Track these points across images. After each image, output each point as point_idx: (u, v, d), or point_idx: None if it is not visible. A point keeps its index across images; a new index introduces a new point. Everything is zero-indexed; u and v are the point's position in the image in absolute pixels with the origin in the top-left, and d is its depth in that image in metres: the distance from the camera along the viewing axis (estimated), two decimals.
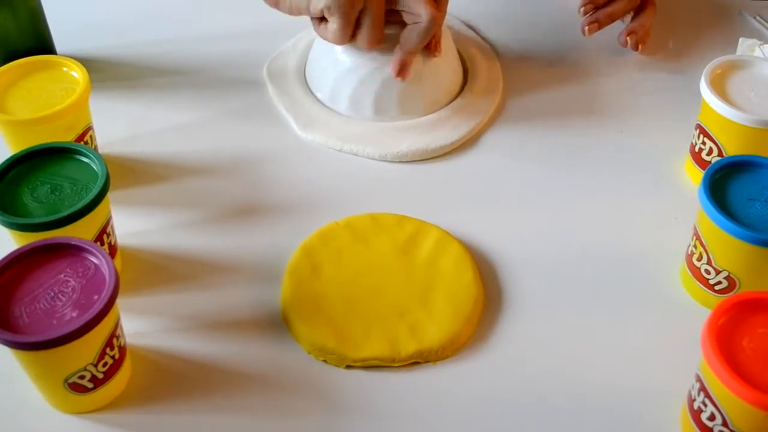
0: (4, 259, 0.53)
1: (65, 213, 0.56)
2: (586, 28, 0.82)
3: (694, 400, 0.52)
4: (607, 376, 0.58)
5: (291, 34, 0.87)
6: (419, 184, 0.72)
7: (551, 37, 0.88)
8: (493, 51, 0.85)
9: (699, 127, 0.69)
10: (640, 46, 0.83)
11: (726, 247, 0.58)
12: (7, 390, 0.56)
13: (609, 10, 0.82)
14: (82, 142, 0.67)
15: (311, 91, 0.80)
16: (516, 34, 0.88)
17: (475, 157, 0.74)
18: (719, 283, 0.60)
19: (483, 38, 0.87)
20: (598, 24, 0.82)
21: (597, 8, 0.82)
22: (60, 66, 0.68)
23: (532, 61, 0.85)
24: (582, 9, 0.82)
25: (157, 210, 0.69)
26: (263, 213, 0.69)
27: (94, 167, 0.60)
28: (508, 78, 0.82)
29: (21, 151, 0.60)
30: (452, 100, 0.79)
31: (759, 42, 0.79)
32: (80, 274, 0.52)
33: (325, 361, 0.58)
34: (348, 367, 0.58)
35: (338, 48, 0.75)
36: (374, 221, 0.66)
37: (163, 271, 0.64)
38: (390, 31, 0.73)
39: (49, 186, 0.59)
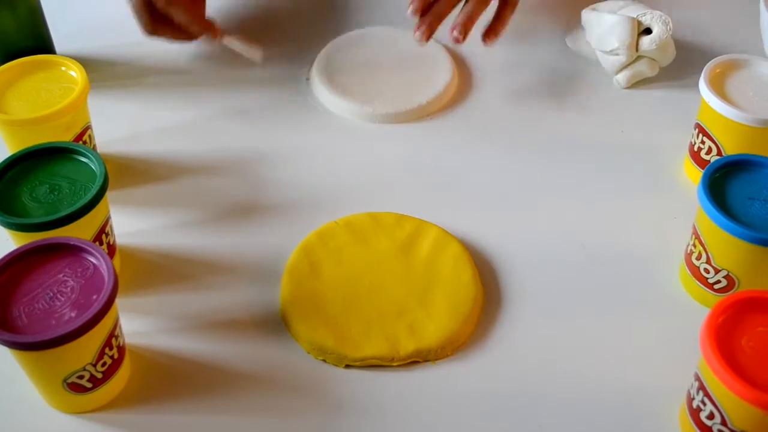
0: (2, 259, 0.53)
1: (64, 213, 0.56)
2: (417, 36, 0.73)
3: (693, 398, 0.52)
4: (606, 375, 0.58)
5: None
6: (418, 183, 0.72)
7: (551, 37, 0.88)
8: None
9: (698, 126, 0.69)
10: (486, 40, 0.76)
11: (725, 246, 0.58)
12: (6, 390, 0.56)
13: (436, 9, 0.73)
14: (80, 142, 0.67)
15: None
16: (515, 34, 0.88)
17: (474, 158, 0.74)
18: (718, 282, 0.60)
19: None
20: (429, 28, 0.73)
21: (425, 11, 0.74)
22: (59, 65, 0.68)
23: (533, 63, 0.85)
24: (412, 13, 0.73)
25: (155, 210, 0.69)
26: (262, 212, 0.69)
27: (93, 167, 0.60)
28: (508, 79, 0.82)
29: (20, 151, 0.60)
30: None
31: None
32: (79, 274, 0.52)
33: (324, 360, 0.58)
34: (347, 366, 0.58)
35: None
36: (373, 220, 0.66)
37: (162, 270, 0.64)
38: None
39: (47, 186, 0.59)
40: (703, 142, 0.69)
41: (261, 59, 0.80)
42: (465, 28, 0.74)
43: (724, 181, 0.60)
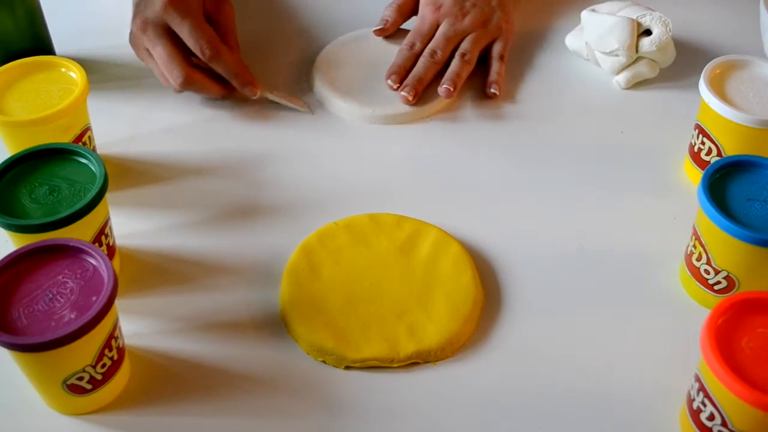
0: (2, 260, 0.52)
1: (63, 214, 0.56)
2: (402, 95, 0.76)
3: (694, 399, 0.52)
4: (606, 376, 0.58)
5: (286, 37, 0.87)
6: (418, 184, 0.72)
7: (551, 37, 0.88)
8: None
9: (698, 127, 0.69)
10: (493, 91, 0.78)
11: (725, 247, 0.58)
12: (5, 391, 0.56)
13: (416, 72, 0.78)
14: (80, 143, 0.67)
15: None
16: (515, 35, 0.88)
17: (473, 158, 0.74)
18: (718, 283, 0.60)
19: None
20: (414, 90, 0.76)
21: (404, 77, 0.78)
22: (58, 66, 0.68)
23: (533, 64, 0.85)
24: (391, 83, 0.78)
25: (155, 211, 0.69)
26: (262, 213, 0.69)
27: (93, 168, 0.60)
28: (508, 80, 0.82)
29: (19, 152, 0.60)
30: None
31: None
32: (78, 276, 0.52)
33: (324, 361, 0.58)
34: (347, 367, 0.58)
35: None
36: (373, 221, 0.66)
37: (161, 272, 0.64)
38: None
39: (47, 187, 0.58)
40: (703, 143, 0.69)
41: (310, 109, 0.79)
42: (454, 84, 0.77)
43: (724, 182, 0.60)
